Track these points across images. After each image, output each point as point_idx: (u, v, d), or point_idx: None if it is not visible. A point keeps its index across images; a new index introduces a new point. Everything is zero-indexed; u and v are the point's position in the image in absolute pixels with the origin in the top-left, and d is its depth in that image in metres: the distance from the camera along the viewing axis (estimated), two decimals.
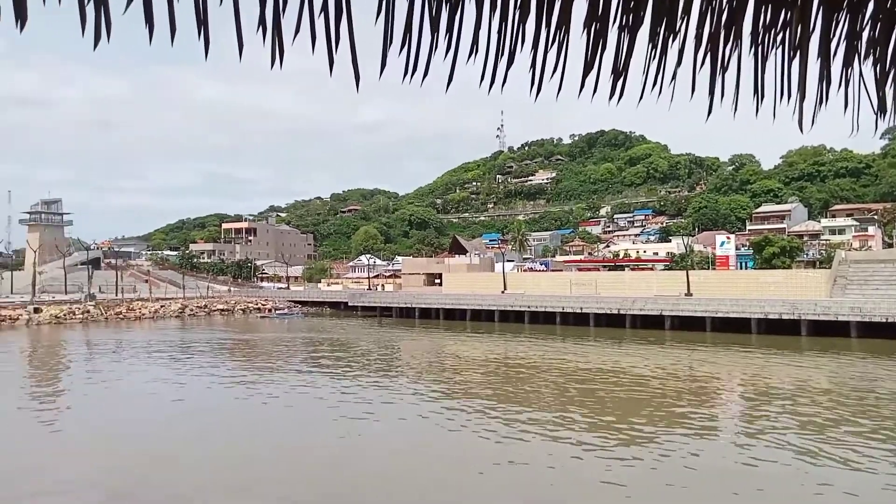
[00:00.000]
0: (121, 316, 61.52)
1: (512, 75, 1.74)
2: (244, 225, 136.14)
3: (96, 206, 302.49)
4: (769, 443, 16.11)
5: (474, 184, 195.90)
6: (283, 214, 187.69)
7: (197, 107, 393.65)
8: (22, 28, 1.26)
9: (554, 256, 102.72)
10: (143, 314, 63.19)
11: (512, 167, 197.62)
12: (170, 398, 23.23)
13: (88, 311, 60.22)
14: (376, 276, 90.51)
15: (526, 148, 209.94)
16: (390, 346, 40.14)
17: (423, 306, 60.20)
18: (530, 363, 30.97)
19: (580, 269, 71.49)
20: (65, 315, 58.31)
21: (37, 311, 57.43)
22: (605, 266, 78.24)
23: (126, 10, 1.35)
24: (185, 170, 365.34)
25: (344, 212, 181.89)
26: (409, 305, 61.54)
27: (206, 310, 68.52)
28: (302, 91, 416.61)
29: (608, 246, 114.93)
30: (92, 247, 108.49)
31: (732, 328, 41.37)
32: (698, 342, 37.67)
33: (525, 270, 77.66)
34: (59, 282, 74.30)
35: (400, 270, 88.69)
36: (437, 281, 73.57)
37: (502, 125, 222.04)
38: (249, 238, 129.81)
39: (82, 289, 69.32)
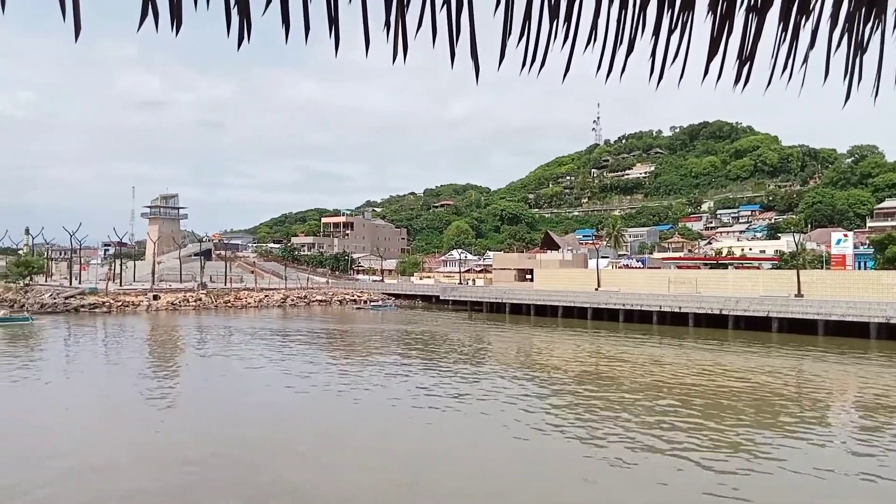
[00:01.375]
0: (229, 304, 65.51)
1: (611, 63, 1.71)
2: (342, 219, 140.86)
3: (208, 200, 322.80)
4: (884, 461, 14.84)
5: (568, 178, 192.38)
6: (378, 209, 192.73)
7: (297, 106, 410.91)
8: (177, 31, 1.38)
9: (651, 253, 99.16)
10: (249, 303, 66.97)
11: (608, 161, 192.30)
12: (272, 382, 24.51)
13: (200, 299, 64.61)
14: (467, 271, 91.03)
15: (623, 141, 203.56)
16: (481, 340, 40.31)
17: (514, 302, 59.96)
18: (625, 363, 30.13)
19: (679, 267, 68.65)
20: (180, 302, 62.89)
21: (156, 297, 62.29)
22: (706, 264, 74.70)
23: (265, 11, 1.44)
24: (287, 166, 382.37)
25: (436, 206, 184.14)
26: (499, 300, 61.49)
27: (306, 300, 71.62)
28: (394, 89, 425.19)
29: (710, 243, 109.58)
30: (204, 239, 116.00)
31: (848, 333, 38.32)
32: (809, 346, 35.21)
33: (620, 267, 75.51)
34: (175, 271, 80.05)
35: (491, 265, 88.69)
36: (529, 276, 73.00)
37: (598, 118, 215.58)
38: (347, 232, 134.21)
39: (195, 278, 74.42)
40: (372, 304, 70.27)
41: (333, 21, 1.49)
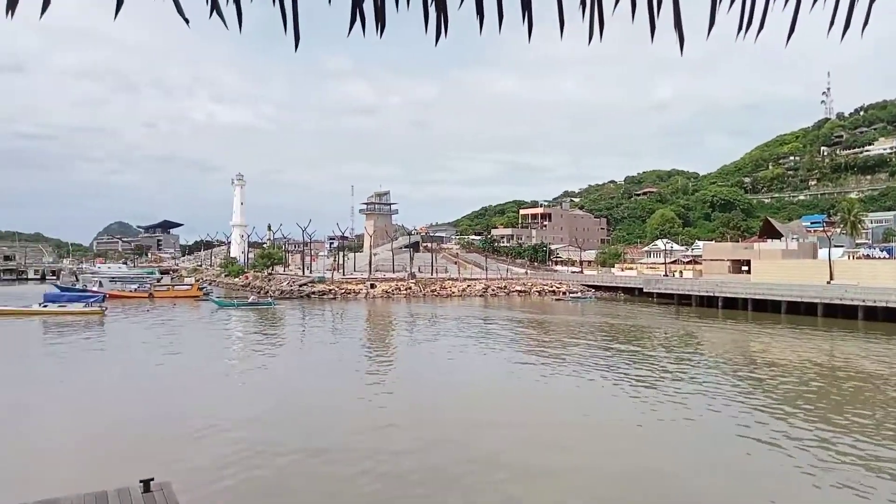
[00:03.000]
0: (435, 293, 69.45)
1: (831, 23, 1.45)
2: (540, 210, 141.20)
3: (416, 196, 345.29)
4: None
5: (791, 158, 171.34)
6: (576, 199, 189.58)
7: (494, 102, 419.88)
8: (382, 33, 1.48)
9: None
10: (453, 292, 70.34)
11: (842, 136, 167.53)
12: (472, 368, 25.46)
13: (410, 288, 69.47)
14: (673, 262, 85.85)
15: (861, 113, 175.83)
16: (690, 336, 37.78)
17: (728, 295, 55.18)
18: (867, 372, 26.15)
19: None
20: (392, 290, 68.22)
21: (372, 286, 68.25)
22: None
23: (459, 6, 1.48)
24: (487, 160, 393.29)
25: (638, 195, 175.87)
26: (711, 294, 57.03)
27: (506, 290, 73.22)
28: (589, 78, 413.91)
29: None
30: (413, 232, 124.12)
31: None
32: None
33: (859, 257, 65.61)
34: (388, 262, 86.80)
35: (700, 256, 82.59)
36: (745, 268, 66.65)
37: (829, 88, 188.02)
38: (545, 223, 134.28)
39: (406, 268, 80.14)
40: (571, 295, 69.55)
41: (526, 6, 1.48)
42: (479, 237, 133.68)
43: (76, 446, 15.04)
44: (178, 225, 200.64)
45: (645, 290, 66.01)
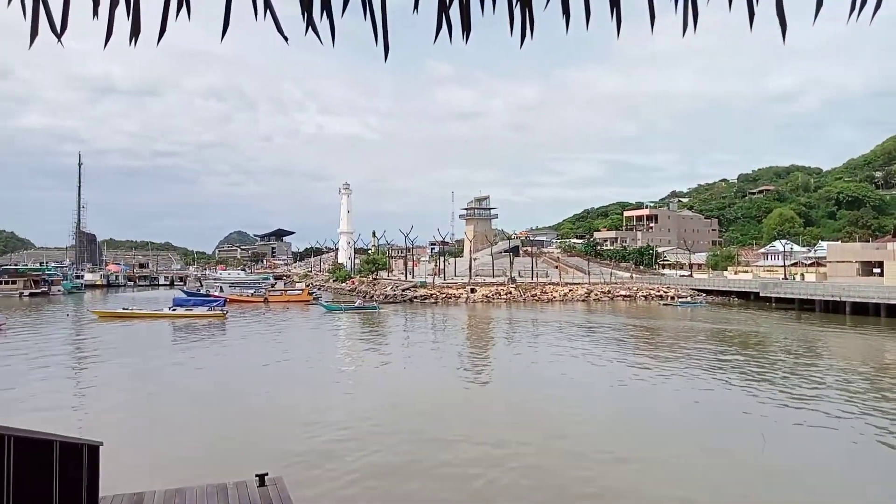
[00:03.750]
0: (536, 298, 68.75)
1: None
2: (645, 212, 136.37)
3: (516, 199, 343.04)
4: None
5: None
6: (684, 200, 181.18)
7: (599, 100, 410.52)
8: (467, 38, 1.51)
9: None
10: (554, 297, 69.34)
11: None
12: (575, 374, 24.93)
13: (510, 293, 69.20)
14: (794, 264, 79.96)
15: None
16: (814, 346, 35.02)
17: (857, 300, 50.69)
18: None
19: None
20: (492, 295, 68.23)
21: (473, 291, 68.65)
22: None
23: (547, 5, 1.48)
24: (590, 161, 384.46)
25: (753, 193, 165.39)
26: (837, 298, 52.61)
27: (609, 295, 71.23)
28: (703, 69, 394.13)
29: None
30: (513, 236, 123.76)
31: None
32: None
33: None
34: (487, 267, 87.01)
35: (824, 258, 76.43)
36: (877, 270, 60.91)
37: None
38: (650, 225, 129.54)
39: (506, 273, 79.98)
40: (680, 300, 66.56)
41: (614, 3, 1.45)
42: (580, 240, 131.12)
43: (199, 439, 16.20)
44: (291, 233, 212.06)
45: (762, 295, 62.05)
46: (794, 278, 71.69)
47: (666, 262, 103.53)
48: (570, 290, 71.77)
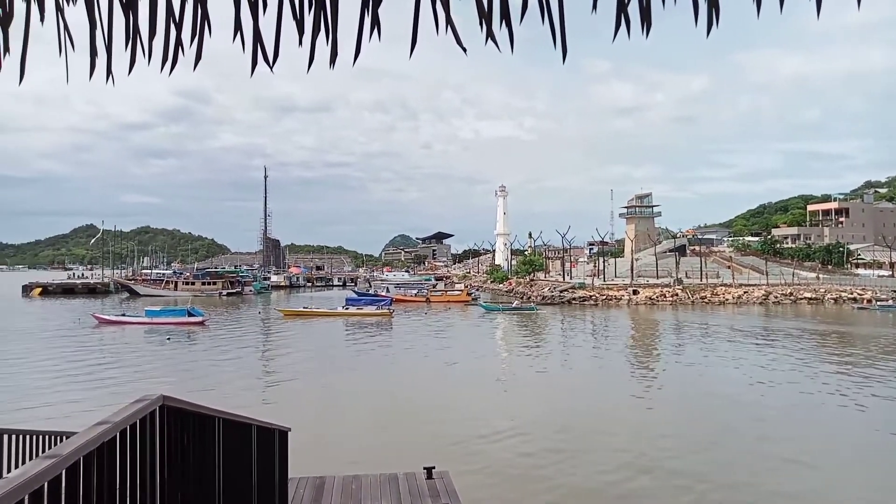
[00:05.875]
0: (705, 300, 64.40)
1: None
2: (833, 205, 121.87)
3: (680, 196, 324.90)
4: None
5: None
6: (882, 190, 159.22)
7: (777, 86, 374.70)
8: (648, 33, 1.46)
9: None
10: (727, 299, 64.46)
11: None
12: (752, 380, 22.93)
13: (677, 295, 65.43)
14: None
15: None
16: None
17: None
18: None
19: None
20: (657, 297, 64.98)
21: (635, 292, 65.93)
22: None
23: None
24: (765, 152, 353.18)
25: None
26: None
27: (791, 297, 64.82)
28: None
29: None
30: (678, 235, 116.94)
31: None
32: None
33: None
34: (650, 267, 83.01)
35: None
36: None
37: None
38: (840, 219, 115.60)
39: (671, 274, 75.76)
40: (879, 304, 58.57)
41: None
42: (756, 238, 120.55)
43: (370, 430, 17.24)
44: (450, 235, 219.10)
45: None
46: None
47: (860, 261, 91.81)
48: (745, 292, 66.22)
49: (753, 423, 17.55)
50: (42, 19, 1.39)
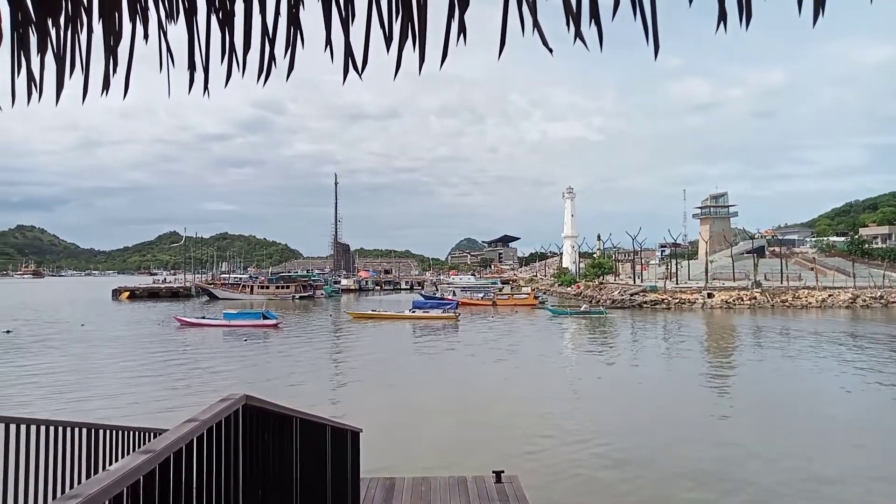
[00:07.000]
0: (786, 303, 61.34)
1: None
2: None
3: (758, 195, 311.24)
4: None
5: None
6: None
7: (860, 76, 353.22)
8: (747, 25, 1.41)
9: None
10: (809, 303, 61.19)
11: None
12: (842, 394, 21.66)
13: (755, 298, 62.55)
14: None
15: None
16: None
17: None
18: None
19: None
20: (734, 300, 62.34)
21: (710, 296, 63.48)
22: None
23: None
24: (850, 146, 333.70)
25: None
26: None
27: (882, 301, 60.78)
28: None
29: None
30: (756, 236, 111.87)
31: None
32: None
33: None
34: (727, 269, 79.74)
35: None
36: None
37: None
38: None
39: (748, 276, 72.50)
40: None
41: None
42: (842, 238, 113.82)
43: (439, 432, 17.33)
44: (516, 238, 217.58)
45: None
46: None
47: None
48: (830, 296, 62.62)
49: (847, 437, 16.55)
50: (146, 37, 1.48)
